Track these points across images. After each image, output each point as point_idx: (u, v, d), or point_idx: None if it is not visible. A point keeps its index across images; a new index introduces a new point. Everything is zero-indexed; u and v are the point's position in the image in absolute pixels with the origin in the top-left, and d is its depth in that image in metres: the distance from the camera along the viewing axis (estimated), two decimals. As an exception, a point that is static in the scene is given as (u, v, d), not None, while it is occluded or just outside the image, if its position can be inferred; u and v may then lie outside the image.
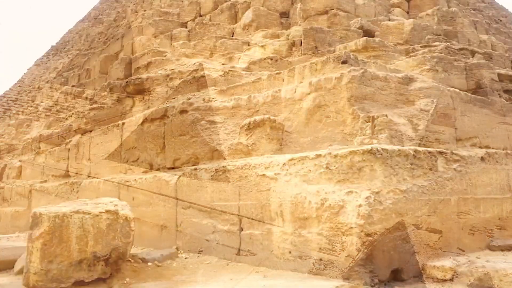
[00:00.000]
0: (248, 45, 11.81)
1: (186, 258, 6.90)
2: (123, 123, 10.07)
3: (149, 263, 6.29)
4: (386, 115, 6.28)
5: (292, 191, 5.79)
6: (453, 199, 6.19)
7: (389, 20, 11.99)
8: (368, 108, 6.52)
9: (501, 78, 9.23)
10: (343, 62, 6.86)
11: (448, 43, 9.92)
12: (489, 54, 11.20)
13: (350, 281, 4.95)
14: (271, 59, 10.16)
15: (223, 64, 11.16)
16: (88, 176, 11.14)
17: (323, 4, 11.46)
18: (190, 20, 15.08)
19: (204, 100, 8.50)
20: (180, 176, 7.77)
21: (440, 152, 6.25)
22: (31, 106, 21.89)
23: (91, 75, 16.75)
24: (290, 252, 5.75)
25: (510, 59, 12.04)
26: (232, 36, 13.07)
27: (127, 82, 11.32)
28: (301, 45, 10.51)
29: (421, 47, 9.64)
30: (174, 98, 9.67)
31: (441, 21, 12.52)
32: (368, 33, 10.54)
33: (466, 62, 8.59)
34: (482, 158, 6.98)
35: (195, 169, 7.46)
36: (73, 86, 17.24)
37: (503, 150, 7.95)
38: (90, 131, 11.29)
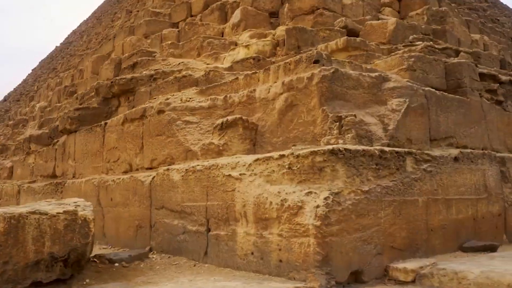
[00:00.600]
0: (235, 45, 11.73)
1: (156, 259, 6.87)
2: (106, 124, 10.06)
3: (116, 264, 6.26)
4: (355, 115, 6.20)
5: (255, 191, 5.73)
6: (421, 200, 6.11)
7: (378, 19, 11.87)
8: (339, 108, 6.43)
9: (484, 78, 9.10)
10: (315, 62, 6.78)
11: (431, 42, 9.80)
12: (477, 53, 11.07)
13: (307, 282, 4.89)
14: (254, 59, 10.07)
15: (208, 64, 11.11)
16: (73, 176, 11.15)
17: (309, 3, 11.35)
18: (181, 21, 15.02)
19: (181, 100, 8.47)
20: (154, 176, 7.74)
21: (409, 152, 6.17)
22: (28, 106, 21.99)
23: (84, 76, 16.78)
24: (252, 253, 5.69)
25: (499, 59, 11.90)
26: (222, 36, 13.00)
27: (112, 82, 11.32)
28: (284, 45, 10.43)
29: (403, 46, 9.55)
30: (155, 98, 9.65)
31: (431, 21, 12.40)
32: (352, 33, 10.43)
33: (446, 62, 8.47)
34: (456, 158, 6.88)
35: (168, 169, 7.42)
36: (65, 86, 17.30)
37: (482, 150, 7.84)
38: (75, 131, 11.29)
